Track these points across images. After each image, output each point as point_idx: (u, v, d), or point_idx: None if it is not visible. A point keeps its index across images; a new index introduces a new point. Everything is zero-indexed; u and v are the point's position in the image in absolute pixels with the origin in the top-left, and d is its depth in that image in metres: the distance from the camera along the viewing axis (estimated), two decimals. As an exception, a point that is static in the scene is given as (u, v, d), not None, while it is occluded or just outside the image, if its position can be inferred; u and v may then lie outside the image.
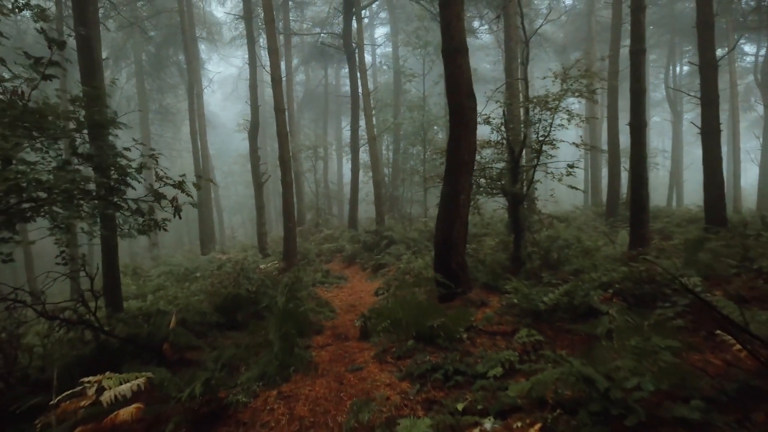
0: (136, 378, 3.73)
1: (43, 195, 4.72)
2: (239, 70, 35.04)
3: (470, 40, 25.47)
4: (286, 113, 17.54)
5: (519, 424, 3.77)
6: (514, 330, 6.00)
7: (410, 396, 4.68)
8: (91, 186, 6.40)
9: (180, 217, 7.15)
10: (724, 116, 32.90)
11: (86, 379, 3.70)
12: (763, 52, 31.39)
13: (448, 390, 4.71)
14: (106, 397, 3.52)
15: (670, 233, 14.33)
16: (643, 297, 6.00)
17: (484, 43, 27.32)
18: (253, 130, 18.80)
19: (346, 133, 35.44)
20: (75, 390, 3.65)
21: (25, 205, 4.85)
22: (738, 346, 4.28)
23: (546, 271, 8.66)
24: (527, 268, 8.97)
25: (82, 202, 5.49)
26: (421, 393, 4.72)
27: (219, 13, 34.08)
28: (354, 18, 20.40)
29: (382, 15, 35.65)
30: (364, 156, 26.06)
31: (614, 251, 10.84)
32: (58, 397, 3.56)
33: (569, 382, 3.87)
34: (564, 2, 36.57)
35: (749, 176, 38.36)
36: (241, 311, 9.46)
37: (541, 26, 17.44)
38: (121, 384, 3.62)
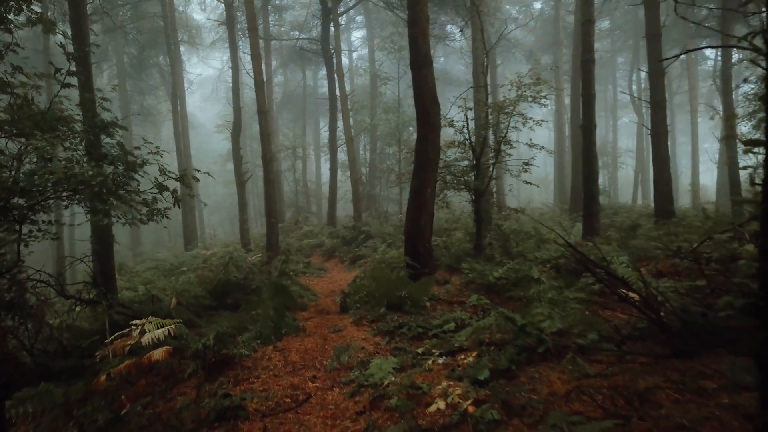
0: (168, 325, 4.79)
1: (80, 188, 5.70)
2: (219, 72, 35.70)
3: (442, 47, 26.86)
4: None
5: (462, 356, 4.97)
6: (469, 299, 7.23)
7: (381, 346, 5.86)
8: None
9: (180, 207, 8.17)
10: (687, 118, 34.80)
11: (134, 322, 4.76)
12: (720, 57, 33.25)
13: (411, 341, 5.90)
14: (146, 338, 4.57)
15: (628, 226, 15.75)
16: (573, 270, 7.27)
17: (457, 47, 28.59)
18: (236, 131, 19.73)
19: (324, 134, 36.42)
20: (123, 331, 4.71)
21: (64, 194, 5.86)
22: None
23: (503, 256, 9.92)
24: (487, 253, 10.21)
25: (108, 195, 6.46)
26: (390, 344, 5.90)
27: (199, 15, 34.72)
28: (332, 24, 21.49)
29: (359, 19, 36.77)
30: (341, 156, 27.10)
31: (570, 239, 12.17)
32: (112, 336, 4.62)
33: (500, 326, 5.07)
34: (534, 7, 38.11)
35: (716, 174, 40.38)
36: (231, 295, 10.47)
37: (509, 32, 18.79)
38: (158, 328, 4.69)
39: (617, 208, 23.05)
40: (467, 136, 10.86)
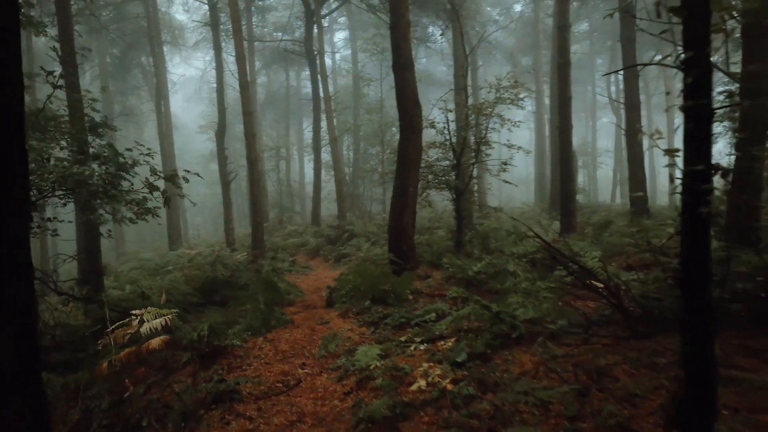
0: (165, 315, 5.08)
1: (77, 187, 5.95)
2: (201, 72, 35.65)
3: (424, 49, 27.27)
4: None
5: (442, 342, 5.34)
6: (449, 292, 7.61)
7: (366, 335, 6.21)
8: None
9: (169, 207, 8.44)
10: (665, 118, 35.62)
11: (133, 312, 5.04)
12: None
13: (394, 330, 6.26)
14: (145, 328, 4.86)
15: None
16: (547, 264, 7.69)
17: (439, 49, 29.01)
18: (220, 132, 19.89)
19: (307, 134, 36.60)
20: (123, 321, 4.99)
21: (59, 193, 6.10)
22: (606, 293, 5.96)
23: (483, 252, 10.33)
24: (467, 249, 10.61)
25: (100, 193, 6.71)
26: (374, 333, 6.26)
27: (182, 16, 34.63)
28: (315, 26, 21.75)
29: (342, 20, 37.02)
30: (325, 156, 27.34)
31: (547, 237, 12.63)
32: (113, 326, 4.89)
33: (477, 314, 5.45)
34: (514, 10, 38.69)
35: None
36: (218, 292, 10.70)
37: (490, 34, 19.22)
38: (155, 318, 4.97)
39: (596, 206, 23.64)
40: (448, 137, 11.25)
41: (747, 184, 6.39)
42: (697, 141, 2.13)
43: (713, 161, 2.17)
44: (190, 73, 40.31)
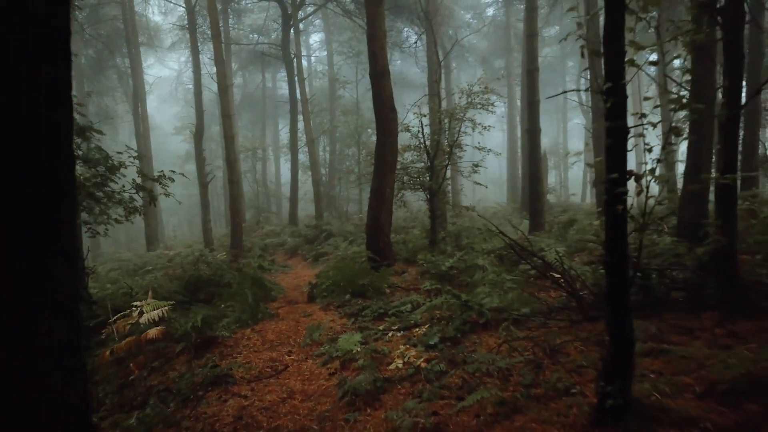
0: (162, 307, 5.50)
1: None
2: (177, 73, 35.58)
3: (399, 52, 27.80)
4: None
5: (417, 329, 5.88)
6: (423, 285, 8.17)
7: (347, 325, 6.72)
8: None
9: (155, 206, 8.82)
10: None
11: (134, 303, 5.45)
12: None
13: (373, 320, 6.78)
14: (144, 318, 5.29)
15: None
16: (514, 259, 8.31)
17: (413, 52, 29.55)
18: (198, 134, 20.11)
19: (284, 135, 36.77)
20: (125, 312, 5.40)
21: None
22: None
23: (455, 248, 10.92)
24: (441, 247, 11.20)
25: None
26: (355, 323, 6.77)
27: (158, 17, 34.52)
28: (292, 29, 22.13)
29: (317, 22, 37.37)
30: (302, 156, 27.68)
31: (516, 234, 13.30)
32: (116, 317, 5.30)
33: (449, 304, 6.01)
34: (486, 13, 39.55)
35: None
36: (202, 290, 11.05)
37: (463, 38, 19.82)
38: (154, 310, 5.40)
39: (566, 206, 24.53)
40: (422, 140, 11.82)
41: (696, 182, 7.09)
42: (615, 153, 2.71)
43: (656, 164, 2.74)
44: (164, 74, 40.12)
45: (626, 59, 2.72)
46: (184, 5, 20.23)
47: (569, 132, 48.10)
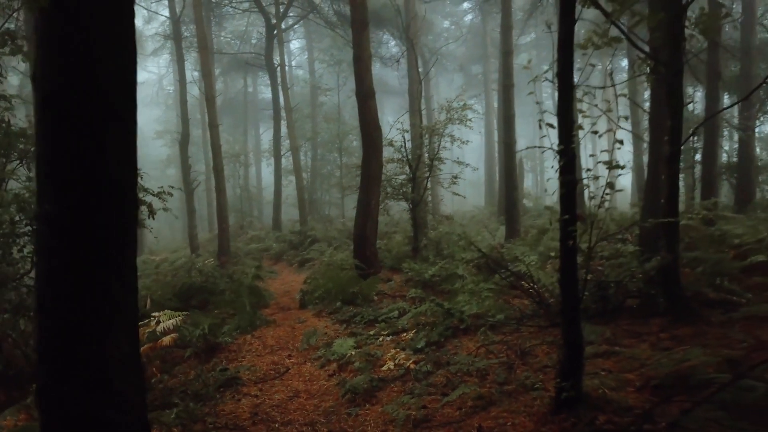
0: (177, 317, 6.10)
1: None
2: (158, 77, 35.68)
3: (379, 60, 28.51)
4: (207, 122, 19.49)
5: (405, 334, 6.60)
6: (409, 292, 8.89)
7: (340, 331, 7.41)
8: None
9: (154, 218, 9.39)
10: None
11: (153, 314, 6.04)
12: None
13: (364, 326, 7.48)
14: (160, 327, 5.88)
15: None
16: (490, 268, 9.08)
17: (394, 64, 30.25)
18: (184, 142, 20.49)
19: (265, 139, 37.14)
20: (144, 321, 5.98)
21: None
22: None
23: (436, 257, 11.66)
24: (423, 255, 11.92)
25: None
26: (347, 329, 7.46)
27: (139, 22, 34.57)
28: (275, 39, 22.65)
29: (298, 28, 37.83)
30: (284, 161, 28.15)
31: (493, 242, 14.11)
32: (136, 326, 5.88)
33: (433, 311, 6.73)
34: (464, 20, 40.48)
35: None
36: (195, 297, 11.57)
37: (442, 47, 20.56)
38: (170, 319, 5.99)
39: (541, 210, 25.49)
40: (405, 154, 12.55)
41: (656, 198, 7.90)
42: (567, 200, 3.46)
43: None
44: (143, 77, 40.13)
45: (576, 124, 3.46)
46: (169, 16, 20.60)
47: (546, 137, 49.14)
